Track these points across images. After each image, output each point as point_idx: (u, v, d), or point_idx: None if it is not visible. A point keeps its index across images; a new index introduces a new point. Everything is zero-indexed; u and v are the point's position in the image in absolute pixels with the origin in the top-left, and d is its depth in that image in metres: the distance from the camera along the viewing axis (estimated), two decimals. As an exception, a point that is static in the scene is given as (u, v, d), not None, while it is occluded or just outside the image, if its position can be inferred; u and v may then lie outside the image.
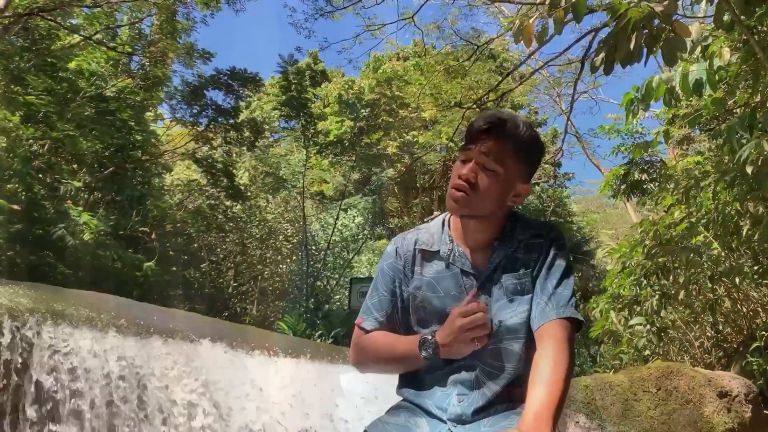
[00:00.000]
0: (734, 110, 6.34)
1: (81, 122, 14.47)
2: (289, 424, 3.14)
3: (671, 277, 6.24)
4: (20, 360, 2.75)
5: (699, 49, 5.39)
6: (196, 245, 19.77)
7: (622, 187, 11.61)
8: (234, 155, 21.04)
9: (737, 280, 5.89)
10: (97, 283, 12.31)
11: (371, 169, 21.56)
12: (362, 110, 20.09)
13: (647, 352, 6.71)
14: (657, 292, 6.20)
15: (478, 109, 10.73)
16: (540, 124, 22.67)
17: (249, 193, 20.37)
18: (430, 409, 1.74)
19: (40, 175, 12.68)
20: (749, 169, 3.57)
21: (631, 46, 4.37)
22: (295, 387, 3.25)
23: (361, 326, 1.86)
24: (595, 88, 18.81)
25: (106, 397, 2.77)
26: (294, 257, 20.45)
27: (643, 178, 11.29)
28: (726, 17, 4.69)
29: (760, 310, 6.23)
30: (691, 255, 5.62)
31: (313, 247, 20.38)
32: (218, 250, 20.49)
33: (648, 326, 6.28)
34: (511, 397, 1.72)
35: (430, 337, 1.72)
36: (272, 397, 3.15)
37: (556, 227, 1.82)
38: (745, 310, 6.20)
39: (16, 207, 11.22)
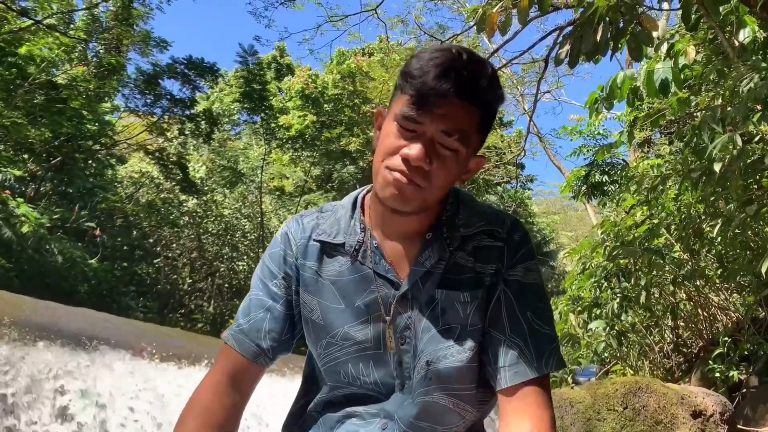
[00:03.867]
0: (695, 113, 6.26)
1: (29, 110, 13.96)
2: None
3: (632, 280, 6.12)
4: None
5: (664, 48, 5.27)
6: (151, 240, 19.24)
7: (583, 188, 11.63)
8: (191, 148, 20.54)
9: (699, 283, 5.79)
10: (39, 278, 11.81)
11: (333, 166, 21.29)
12: (325, 105, 19.82)
13: (606, 355, 6.59)
14: (618, 295, 6.07)
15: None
16: (506, 126, 22.68)
17: (205, 188, 19.92)
18: None
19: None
20: (717, 167, 3.41)
21: (597, 38, 4.21)
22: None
23: (222, 338, 1.27)
24: (558, 88, 18.88)
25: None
26: (251, 254, 20.07)
27: (604, 180, 11.31)
28: (693, 16, 4.57)
29: (718, 313, 6.16)
30: (653, 257, 5.49)
31: (272, 244, 20.01)
32: (174, 245, 19.98)
33: (608, 329, 6.15)
34: None
35: None
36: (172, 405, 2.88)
37: (518, 221, 1.22)
38: (705, 314, 6.11)
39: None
